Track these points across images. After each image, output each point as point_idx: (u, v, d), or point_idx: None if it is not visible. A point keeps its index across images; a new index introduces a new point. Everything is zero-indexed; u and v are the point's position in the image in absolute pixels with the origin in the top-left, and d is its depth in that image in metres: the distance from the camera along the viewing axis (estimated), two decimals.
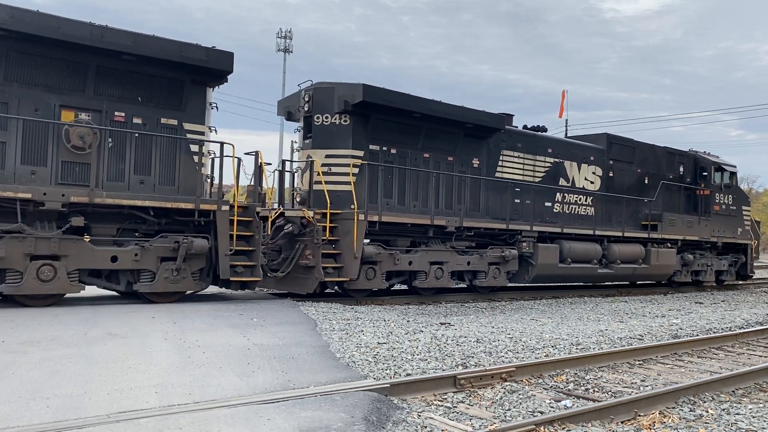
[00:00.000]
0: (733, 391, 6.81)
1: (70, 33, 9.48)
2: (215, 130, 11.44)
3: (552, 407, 5.84)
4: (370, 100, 12.58)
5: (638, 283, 20.40)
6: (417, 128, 13.73)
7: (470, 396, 6.17)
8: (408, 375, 6.57)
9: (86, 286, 10.03)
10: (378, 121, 13.12)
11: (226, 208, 10.76)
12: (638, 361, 8.29)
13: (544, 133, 16.98)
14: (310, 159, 12.85)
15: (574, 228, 16.43)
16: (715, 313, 13.71)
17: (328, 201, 12.28)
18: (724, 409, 5.98)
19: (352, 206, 12.35)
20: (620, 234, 17.57)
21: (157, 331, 7.81)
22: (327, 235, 12.18)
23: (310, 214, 12.06)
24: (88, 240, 9.75)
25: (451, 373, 6.50)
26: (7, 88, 9.50)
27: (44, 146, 9.69)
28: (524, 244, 15.04)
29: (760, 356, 9.20)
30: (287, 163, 13.66)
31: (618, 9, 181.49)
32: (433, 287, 13.94)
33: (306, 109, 13.17)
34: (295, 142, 13.95)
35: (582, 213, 17.17)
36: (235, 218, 10.93)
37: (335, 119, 12.91)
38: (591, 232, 16.81)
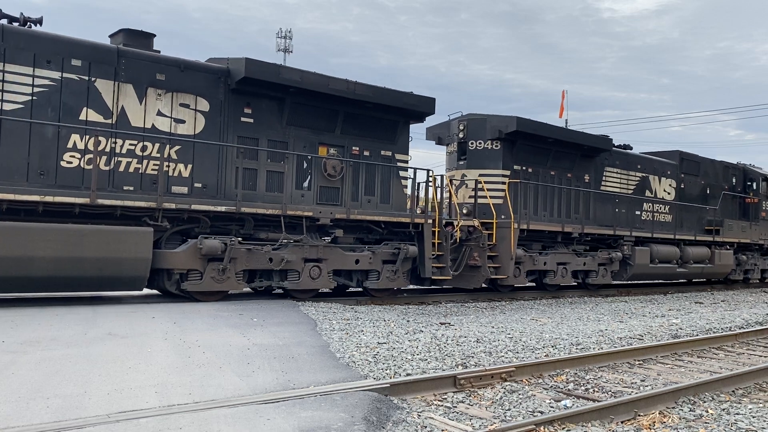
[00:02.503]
0: (733, 391, 6.81)
1: (335, 88, 12.07)
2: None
3: (552, 407, 5.84)
4: (521, 129, 15.21)
5: (694, 281, 22.97)
6: (547, 150, 16.38)
7: (470, 396, 6.17)
8: (408, 375, 6.57)
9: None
10: (521, 145, 15.76)
11: (430, 221, 13.34)
12: (638, 361, 8.29)
13: (632, 151, 19.70)
14: (465, 177, 15.57)
15: (659, 233, 19.06)
16: (715, 313, 13.71)
17: (494, 213, 14.80)
18: (724, 409, 5.98)
19: (503, 216, 14.86)
20: (692, 237, 20.24)
21: (157, 331, 7.80)
22: (494, 241, 14.65)
23: (477, 223, 14.46)
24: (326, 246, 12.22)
25: (451, 373, 6.50)
26: (287, 131, 12.10)
27: (309, 175, 12.31)
28: (625, 247, 17.78)
29: (760, 356, 9.20)
30: (438, 180, 15.71)
31: (615, 9, 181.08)
32: (559, 284, 16.47)
33: (461, 136, 15.87)
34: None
35: (662, 220, 19.93)
36: (437, 229, 13.44)
37: (487, 144, 15.61)
38: (672, 236, 19.46)
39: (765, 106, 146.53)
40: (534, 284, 16.71)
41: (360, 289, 13.21)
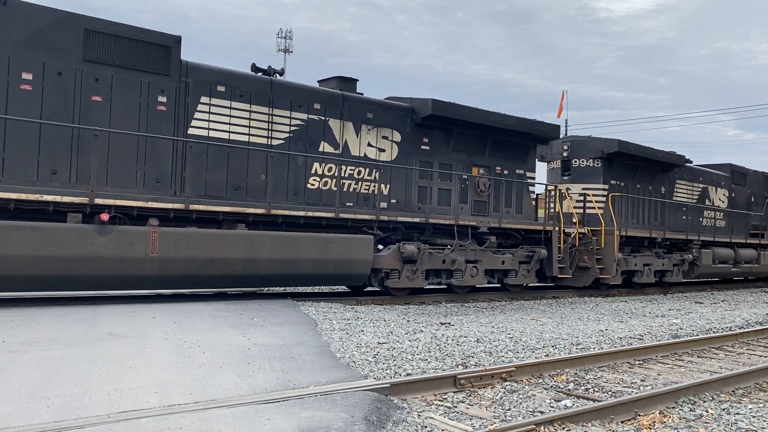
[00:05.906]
0: (733, 391, 6.81)
1: (490, 119, 14.35)
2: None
3: (552, 407, 5.84)
4: (621, 150, 17.61)
5: (734, 279, 25.00)
6: (635, 167, 18.82)
7: (470, 396, 6.17)
8: (408, 375, 6.57)
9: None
10: (618, 163, 18.19)
11: (557, 228, 15.64)
12: (638, 360, 8.29)
13: (693, 165, 21.78)
14: (569, 190, 17.54)
15: (719, 237, 21.54)
16: (715, 313, 13.71)
17: (603, 223, 16.96)
18: (724, 409, 5.98)
19: (602, 224, 16.97)
20: (744, 241, 22.82)
21: (157, 331, 7.79)
22: (602, 246, 16.80)
23: (587, 230, 16.97)
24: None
25: (451, 373, 6.50)
26: (452, 155, 14.43)
27: (466, 191, 14.61)
28: (693, 250, 20.12)
29: (760, 356, 9.20)
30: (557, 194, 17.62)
31: (612, 8, 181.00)
32: (646, 282, 18.58)
33: (564, 155, 18.31)
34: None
35: (718, 225, 22.34)
36: (561, 235, 15.80)
37: (589, 162, 18.03)
38: (728, 239, 21.93)
39: (763, 106, 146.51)
40: (620, 282, 18.32)
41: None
